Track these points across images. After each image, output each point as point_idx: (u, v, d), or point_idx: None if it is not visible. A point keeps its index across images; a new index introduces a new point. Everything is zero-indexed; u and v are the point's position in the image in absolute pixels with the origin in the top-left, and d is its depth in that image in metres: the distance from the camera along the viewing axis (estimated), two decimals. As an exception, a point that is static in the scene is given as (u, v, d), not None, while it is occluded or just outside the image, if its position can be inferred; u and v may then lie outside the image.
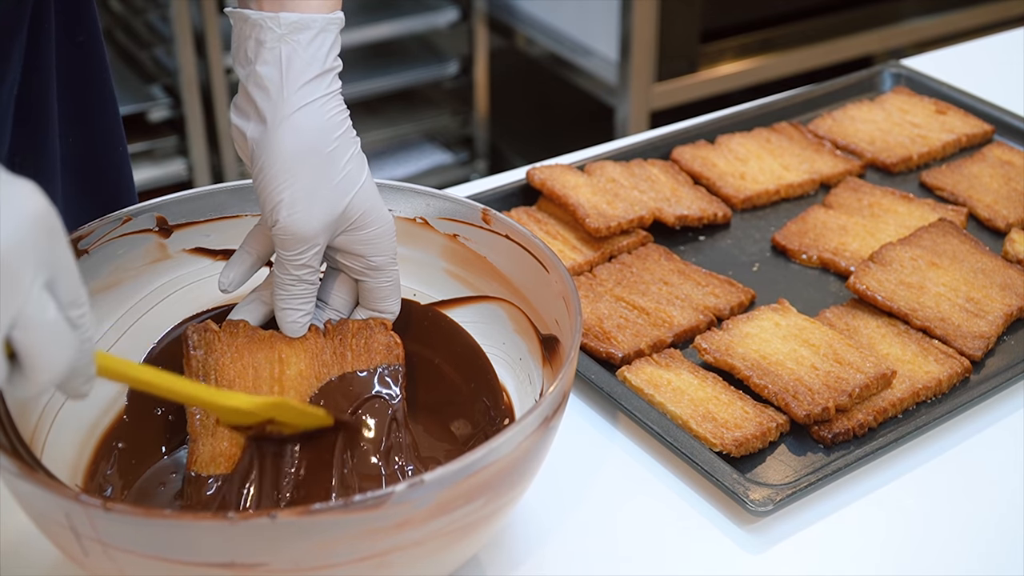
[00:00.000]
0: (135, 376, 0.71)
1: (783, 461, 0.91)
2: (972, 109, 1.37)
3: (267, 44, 0.78)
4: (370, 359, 0.84)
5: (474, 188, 1.22)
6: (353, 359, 0.84)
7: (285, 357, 0.83)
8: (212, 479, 0.79)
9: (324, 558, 0.64)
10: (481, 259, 0.89)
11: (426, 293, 0.92)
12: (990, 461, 0.93)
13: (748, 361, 0.97)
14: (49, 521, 0.66)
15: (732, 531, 0.86)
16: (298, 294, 0.83)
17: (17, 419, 0.75)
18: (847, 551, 0.85)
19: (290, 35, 0.78)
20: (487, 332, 0.89)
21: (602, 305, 1.05)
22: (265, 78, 0.79)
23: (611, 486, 0.90)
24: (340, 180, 0.80)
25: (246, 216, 0.91)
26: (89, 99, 1.04)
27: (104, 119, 1.05)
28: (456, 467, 0.65)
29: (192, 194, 0.90)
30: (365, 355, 0.84)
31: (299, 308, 0.84)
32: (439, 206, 0.90)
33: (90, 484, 0.81)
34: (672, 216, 1.17)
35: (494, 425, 0.86)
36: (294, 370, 0.83)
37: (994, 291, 1.06)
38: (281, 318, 0.84)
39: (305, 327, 0.85)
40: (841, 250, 1.14)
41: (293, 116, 0.79)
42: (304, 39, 0.79)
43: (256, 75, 0.79)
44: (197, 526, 0.62)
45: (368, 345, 0.85)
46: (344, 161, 0.81)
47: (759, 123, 1.35)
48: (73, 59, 1.00)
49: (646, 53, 2.46)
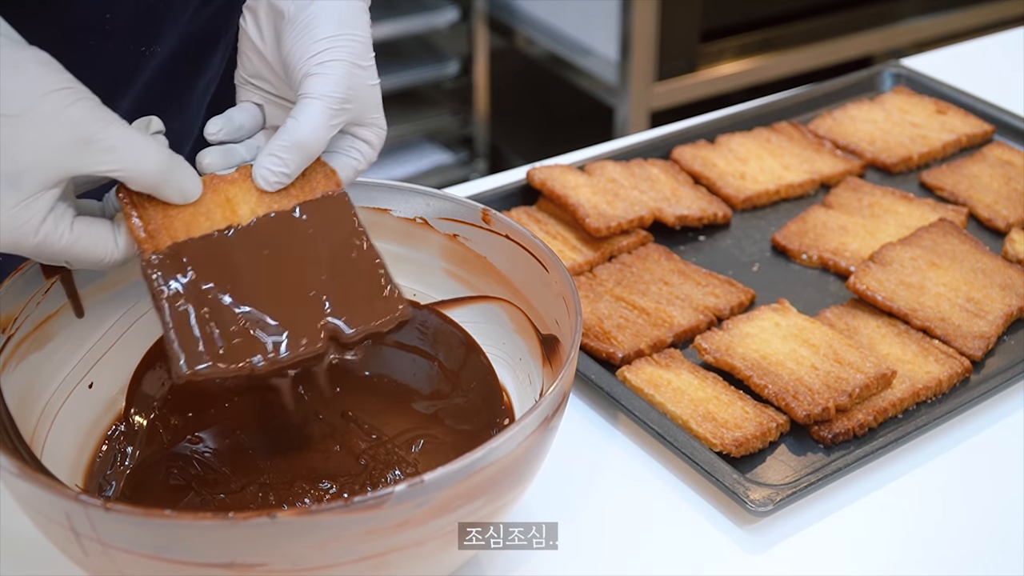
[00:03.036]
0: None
1: (783, 461, 0.91)
2: (972, 109, 1.37)
3: None
4: (312, 190, 0.80)
5: (474, 188, 1.22)
6: (296, 191, 0.79)
7: (232, 197, 0.78)
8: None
9: (324, 558, 0.64)
10: (481, 259, 0.89)
11: (426, 293, 0.92)
12: (990, 461, 0.93)
13: (748, 361, 0.97)
14: (49, 521, 0.66)
15: (732, 531, 0.86)
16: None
17: (17, 419, 0.75)
18: (847, 551, 0.85)
19: None
20: (487, 332, 0.89)
21: (602, 305, 1.05)
22: None
23: (611, 486, 0.90)
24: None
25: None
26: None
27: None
28: (456, 467, 0.65)
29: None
30: (307, 187, 0.80)
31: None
32: (439, 206, 0.90)
33: (90, 484, 0.81)
34: (672, 216, 1.17)
35: (494, 425, 0.86)
36: (246, 209, 0.78)
37: (994, 291, 1.06)
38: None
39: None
40: (841, 250, 1.14)
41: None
42: None
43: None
44: (197, 526, 0.62)
45: (306, 176, 0.80)
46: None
47: (759, 123, 1.35)
48: None
49: (646, 53, 2.46)
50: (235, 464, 0.84)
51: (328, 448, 0.85)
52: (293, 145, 0.76)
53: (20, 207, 0.67)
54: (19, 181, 0.66)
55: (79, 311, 0.82)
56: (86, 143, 0.67)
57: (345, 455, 0.85)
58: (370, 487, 0.82)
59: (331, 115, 0.76)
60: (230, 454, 0.85)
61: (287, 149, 0.76)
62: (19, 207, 0.67)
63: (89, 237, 0.71)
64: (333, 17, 0.77)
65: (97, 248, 0.71)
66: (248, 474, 0.83)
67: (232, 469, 0.84)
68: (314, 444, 0.86)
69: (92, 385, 0.84)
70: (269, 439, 0.86)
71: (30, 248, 0.69)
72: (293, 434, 0.86)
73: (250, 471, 0.83)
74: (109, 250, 0.72)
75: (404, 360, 0.91)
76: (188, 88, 0.98)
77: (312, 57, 0.76)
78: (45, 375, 0.81)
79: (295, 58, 0.77)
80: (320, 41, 0.76)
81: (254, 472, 0.83)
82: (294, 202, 0.78)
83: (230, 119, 0.81)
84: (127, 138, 0.68)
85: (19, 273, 0.79)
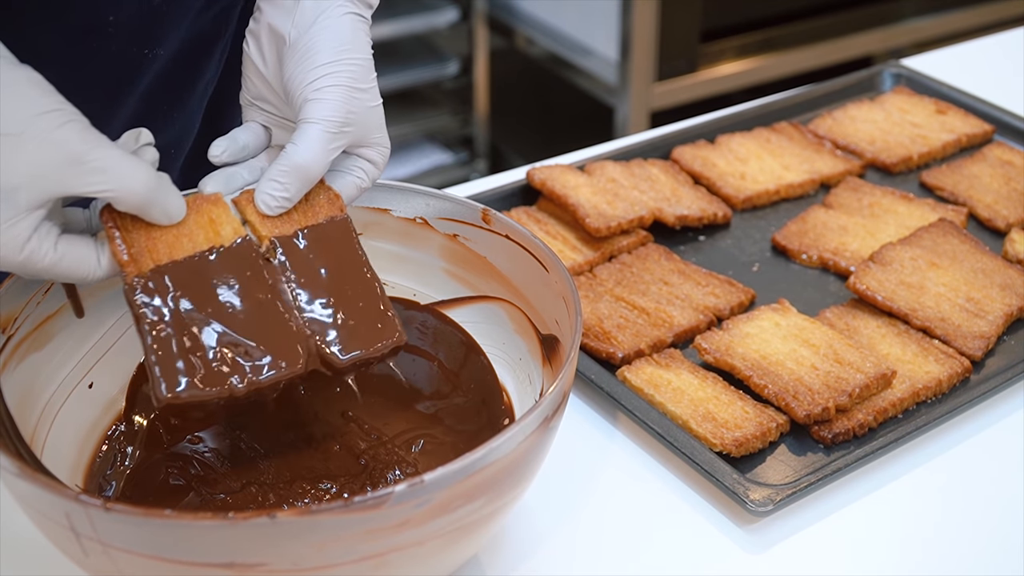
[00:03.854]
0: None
1: (783, 461, 0.91)
2: (972, 109, 1.37)
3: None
4: (315, 215, 0.80)
5: (474, 188, 1.22)
6: (298, 215, 0.79)
7: (216, 218, 0.78)
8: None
9: (324, 558, 0.64)
10: (481, 259, 0.89)
11: (426, 293, 0.92)
12: (990, 461, 0.93)
13: (748, 361, 0.97)
14: (49, 521, 0.66)
15: (732, 531, 0.86)
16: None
17: (17, 419, 0.75)
18: (847, 551, 0.85)
19: None
20: (487, 332, 0.89)
21: (602, 305, 1.05)
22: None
23: (611, 486, 0.90)
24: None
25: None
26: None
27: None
28: (456, 467, 0.65)
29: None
30: (310, 212, 0.80)
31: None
32: (439, 206, 0.90)
33: (90, 484, 0.81)
34: (672, 216, 1.17)
35: (494, 425, 0.86)
36: (229, 229, 0.77)
37: (994, 291, 1.06)
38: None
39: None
40: (841, 250, 1.14)
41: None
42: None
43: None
44: (197, 526, 0.62)
45: (308, 200, 0.80)
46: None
47: (759, 123, 1.35)
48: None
49: (646, 53, 2.46)
50: (235, 464, 0.84)
51: (328, 448, 0.85)
52: (293, 169, 0.76)
53: (7, 224, 0.67)
54: (10, 199, 0.66)
55: (79, 311, 0.82)
56: (76, 164, 0.67)
57: (345, 455, 0.85)
58: (370, 487, 0.82)
59: (330, 139, 0.77)
60: (230, 454, 0.85)
61: (287, 174, 0.76)
62: (6, 224, 0.67)
63: (72, 256, 0.71)
64: (333, 42, 0.78)
65: (80, 267, 0.72)
66: (248, 474, 0.83)
67: (232, 469, 0.84)
68: (314, 444, 0.86)
69: (92, 385, 0.84)
70: (269, 439, 0.86)
71: (15, 265, 0.69)
72: (293, 434, 0.86)
73: (250, 471, 0.83)
74: (92, 269, 0.72)
75: (404, 360, 0.91)
76: (188, 90, 0.99)
77: (311, 83, 0.77)
78: (45, 375, 0.81)
79: (295, 84, 0.78)
80: (319, 67, 0.77)
81: (254, 472, 0.83)
82: (296, 227, 0.78)
83: (234, 140, 0.81)
84: (116, 159, 0.69)
85: (19, 273, 0.79)
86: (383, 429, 0.87)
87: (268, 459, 0.84)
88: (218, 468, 0.84)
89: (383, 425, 0.87)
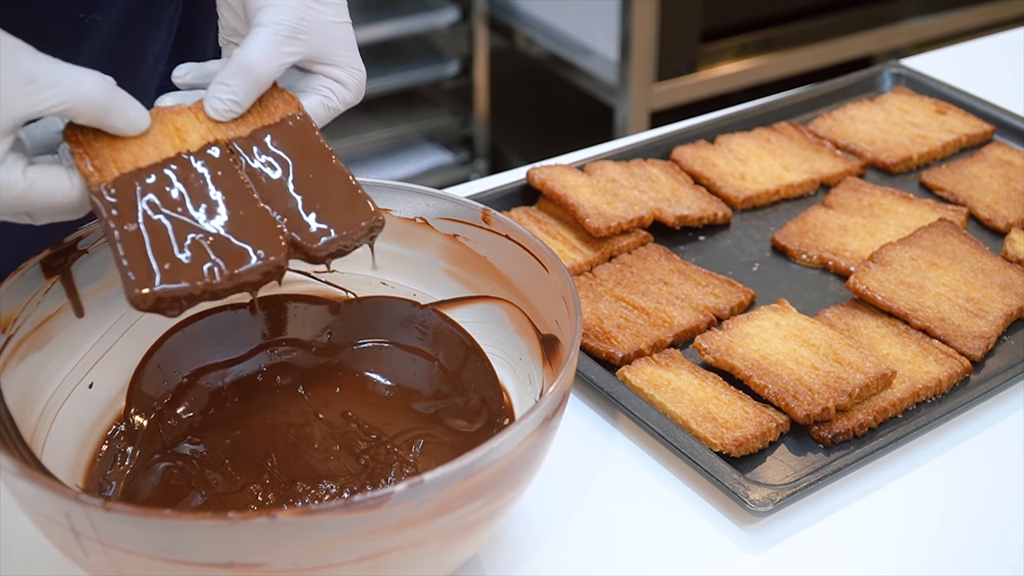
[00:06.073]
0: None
1: (783, 461, 0.91)
2: (972, 109, 1.37)
3: None
4: (270, 115, 0.79)
5: (474, 188, 1.22)
6: (254, 118, 0.78)
7: (181, 127, 0.77)
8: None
9: (324, 558, 0.64)
10: (481, 259, 0.89)
11: (426, 293, 0.92)
12: (990, 461, 0.93)
13: (748, 361, 0.97)
14: (49, 521, 0.66)
15: (732, 531, 0.86)
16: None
17: (17, 419, 0.75)
18: (847, 551, 0.85)
19: None
20: (487, 332, 0.89)
21: (602, 305, 1.05)
22: None
23: (611, 486, 0.90)
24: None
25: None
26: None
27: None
28: (456, 467, 0.65)
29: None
30: (265, 113, 0.79)
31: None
32: (439, 206, 0.90)
33: (90, 484, 0.81)
34: (672, 216, 1.17)
35: (494, 425, 0.86)
36: (195, 136, 0.76)
37: (994, 291, 1.06)
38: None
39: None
40: (841, 250, 1.14)
41: None
42: None
43: None
44: (197, 526, 0.62)
45: (262, 103, 0.79)
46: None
47: (759, 123, 1.35)
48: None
49: (646, 53, 2.46)
50: (235, 464, 0.84)
51: (328, 448, 0.85)
52: (240, 71, 0.75)
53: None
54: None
55: (79, 311, 0.82)
56: (30, 83, 0.67)
57: (345, 455, 0.85)
58: (370, 487, 0.82)
59: (280, 42, 0.76)
60: (230, 454, 0.85)
61: (234, 75, 0.75)
62: None
63: (44, 183, 0.70)
64: None
65: (53, 191, 0.71)
66: (248, 474, 0.83)
67: (232, 469, 0.84)
68: (314, 444, 0.86)
69: (92, 385, 0.84)
70: (269, 439, 0.86)
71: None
72: (293, 434, 0.86)
73: (250, 471, 0.83)
74: (65, 191, 0.71)
75: (404, 360, 0.91)
76: (136, 61, 0.98)
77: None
78: (45, 375, 0.81)
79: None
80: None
81: (254, 472, 0.83)
82: (251, 128, 0.77)
83: (203, 66, 0.81)
84: (67, 70, 0.69)
85: (19, 273, 0.79)
86: (383, 429, 0.87)
87: (268, 459, 0.84)
88: (218, 468, 0.84)
89: (383, 425, 0.87)
